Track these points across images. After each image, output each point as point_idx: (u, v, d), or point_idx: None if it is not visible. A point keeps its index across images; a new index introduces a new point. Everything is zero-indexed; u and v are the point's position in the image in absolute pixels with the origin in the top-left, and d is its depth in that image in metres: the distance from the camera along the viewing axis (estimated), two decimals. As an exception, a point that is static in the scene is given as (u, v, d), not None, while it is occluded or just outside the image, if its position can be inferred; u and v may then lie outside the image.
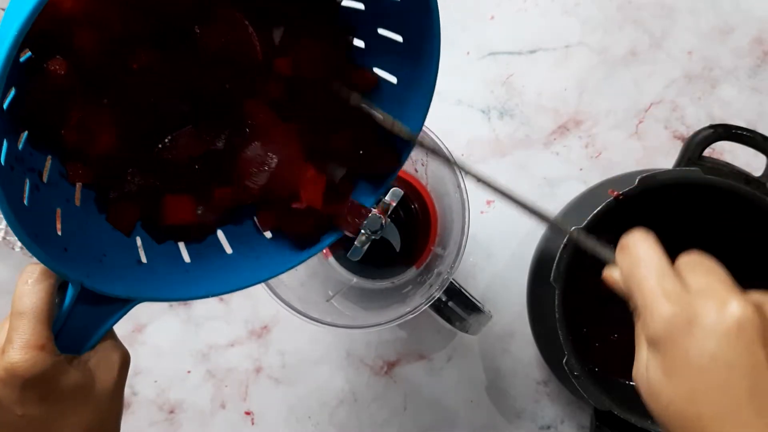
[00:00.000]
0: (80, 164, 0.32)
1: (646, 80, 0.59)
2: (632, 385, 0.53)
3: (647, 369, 0.28)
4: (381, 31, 0.35)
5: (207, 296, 0.35)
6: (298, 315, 0.45)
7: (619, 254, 0.31)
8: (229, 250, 0.37)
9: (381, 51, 0.36)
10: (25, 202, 0.27)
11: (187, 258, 0.35)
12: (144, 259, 0.33)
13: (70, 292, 0.29)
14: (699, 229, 0.53)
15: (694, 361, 0.26)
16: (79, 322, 0.30)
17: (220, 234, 0.37)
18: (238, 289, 0.36)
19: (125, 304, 0.31)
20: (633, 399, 0.51)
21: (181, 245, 0.35)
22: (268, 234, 0.38)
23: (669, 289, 0.28)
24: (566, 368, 0.44)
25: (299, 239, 0.37)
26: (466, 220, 0.45)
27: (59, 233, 0.29)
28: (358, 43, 0.37)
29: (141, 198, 0.33)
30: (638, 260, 0.29)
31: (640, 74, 0.59)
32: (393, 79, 0.37)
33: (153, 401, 0.58)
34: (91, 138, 0.31)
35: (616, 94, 0.59)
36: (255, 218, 0.38)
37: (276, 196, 0.35)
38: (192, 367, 0.58)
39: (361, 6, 0.35)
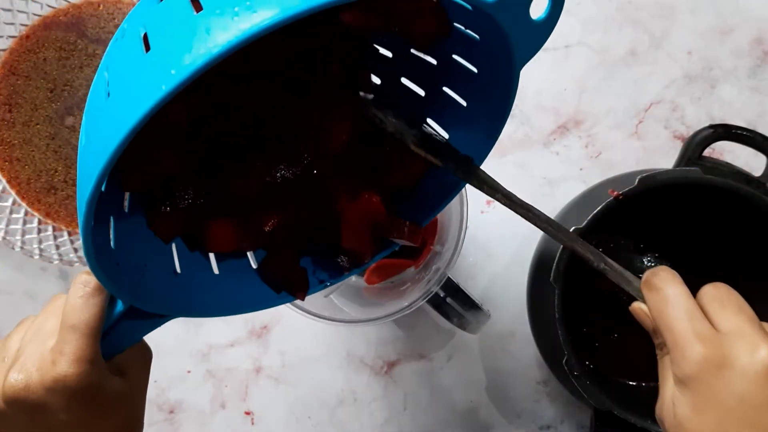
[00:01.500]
0: (139, 177, 0.32)
1: (645, 80, 0.59)
2: (633, 384, 0.53)
3: (674, 405, 0.29)
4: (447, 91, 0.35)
5: (237, 313, 0.36)
6: (296, 310, 0.45)
7: (647, 293, 0.31)
8: (254, 264, 0.37)
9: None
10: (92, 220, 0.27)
11: (216, 270, 0.36)
12: (178, 269, 0.34)
13: (118, 307, 0.31)
14: (699, 229, 0.53)
15: (725, 401, 0.27)
16: (121, 334, 0.32)
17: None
18: (267, 307, 0.37)
19: (163, 317, 0.33)
20: (633, 399, 0.51)
21: (211, 256, 0.36)
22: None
23: (700, 331, 0.28)
24: (566, 368, 0.44)
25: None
26: (464, 215, 0.45)
27: (112, 246, 0.30)
28: (419, 91, 0.37)
29: (187, 211, 0.34)
30: (667, 300, 0.30)
31: (639, 74, 0.59)
32: (445, 135, 0.37)
33: (153, 401, 0.58)
34: (155, 158, 0.32)
35: (616, 94, 0.59)
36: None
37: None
38: (192, 367, 0.58)
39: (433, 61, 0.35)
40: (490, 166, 0.59)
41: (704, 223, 0.52)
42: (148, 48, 0.23)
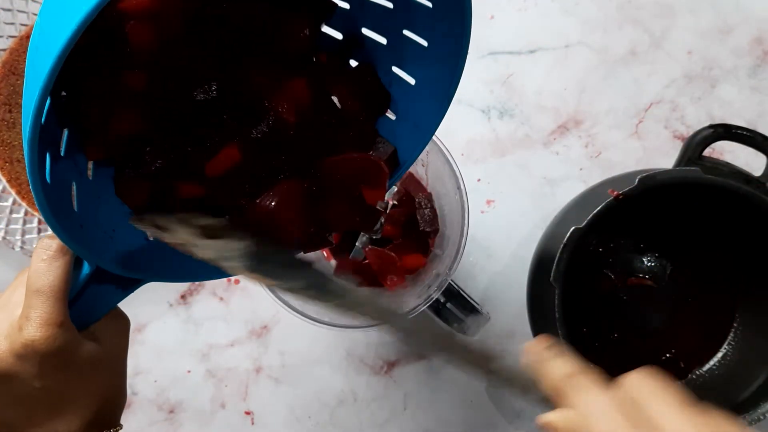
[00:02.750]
0: (101, 141, 0.31)
1: (645, 80, 0.59)
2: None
3: None
4: (406, 32, 0.35)
5: (210, 278, 0.35)
6: (296, 314, 0.45)
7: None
8: None
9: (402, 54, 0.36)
10: (47, 178, 0.27)
11: None
12: (151, 236, 0.33)
13: (85, 270, 0.30)
14: (699, 229, 0.53)
15: None
16: (91, 299, 0.31)
17: None
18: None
19: (134, 283, 0.32)
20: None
21: None
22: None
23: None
24: (566, 368, 0.44)
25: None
26: (466, 222, 0.45)
27: (75, 209, 0.29)
28: (381, 39, 0.37)
29: (154, 176, 0.33)
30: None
31: (639, 74, 0.59)
32: (411, 80, 0.37)
33: (153, 401, 0.58)
34: (116, 119, 0.31)
35: (616, 94, 0.59)
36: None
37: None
38: (192, 366, 0.58)
39: (389, 5, 0.35)
40: (490, 166, 0.59)
41: (704, 223, 0.52)
42: None
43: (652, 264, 0.54)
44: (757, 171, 0.46)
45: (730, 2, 0.60)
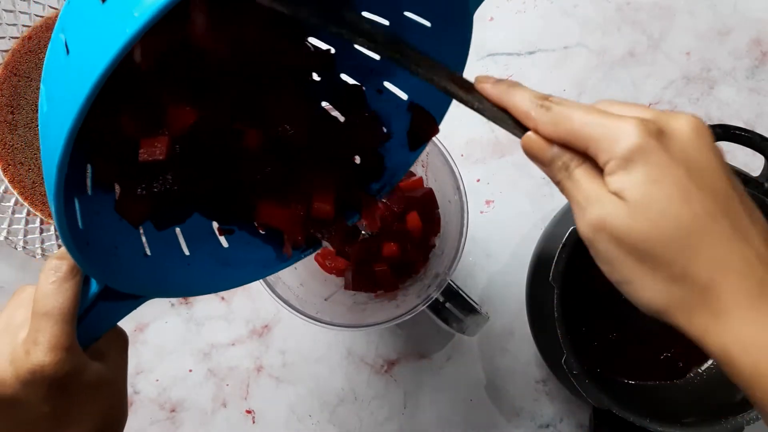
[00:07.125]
0: (113, 163, 0.31)
1: (644, 81, 0.60)
2: (631, 383, 0.54)
3: (624, 190, 0.26)
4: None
5: (208, 292, 0.35)
6: (297, 314, 0.45)
7: (540, 113, 0.31)
8: (225, 244, 0.37)
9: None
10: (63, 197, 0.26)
11: (186, 251, 0.35)
12: (148, 251, 0.34)
13: (93, 289, 0.30)
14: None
15: (676, 168, 0.25)
16: (96, 318, 0.31)
17: (215, 225, 0.37)
18: (238, 285, 0.36)
19: (136, 300, 0.32)
20: (631, 398, 0.51)
21: (181, 238, 0.35)
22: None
23: (620, 112, 0.27)
24: (565, 367, 0.45)
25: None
26: (465, 222, 0.45)
27: (81, 227, 0.29)
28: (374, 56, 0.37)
29: (163, 195, 0.33)
30: (567, 110, 0.29)
31: (638, 75, 0.60)
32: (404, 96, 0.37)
33: (154, 400, 0.58)
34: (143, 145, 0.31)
35: (615, 95, 0.59)
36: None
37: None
38: (193, 366, 0.58)
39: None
40: (490, 166, 0.59)
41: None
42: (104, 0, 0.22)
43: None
44: (755, 171, 0.47)
45: (728, 4, 0.60)
